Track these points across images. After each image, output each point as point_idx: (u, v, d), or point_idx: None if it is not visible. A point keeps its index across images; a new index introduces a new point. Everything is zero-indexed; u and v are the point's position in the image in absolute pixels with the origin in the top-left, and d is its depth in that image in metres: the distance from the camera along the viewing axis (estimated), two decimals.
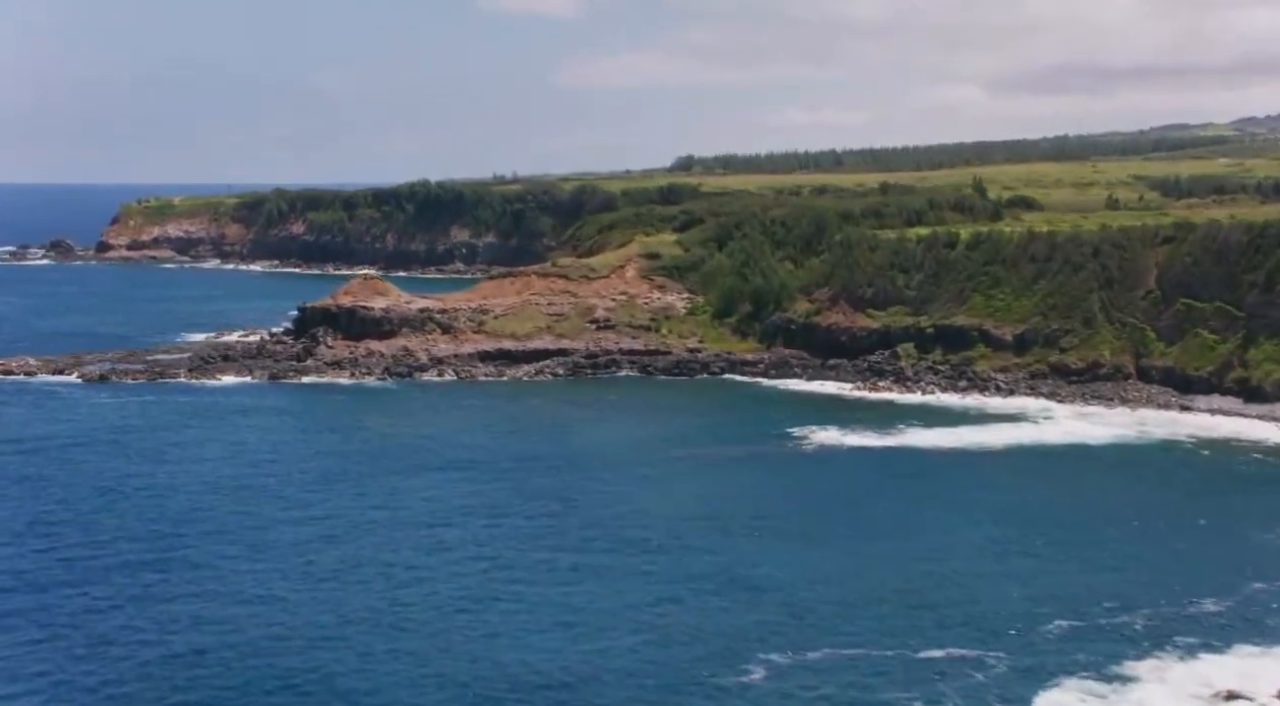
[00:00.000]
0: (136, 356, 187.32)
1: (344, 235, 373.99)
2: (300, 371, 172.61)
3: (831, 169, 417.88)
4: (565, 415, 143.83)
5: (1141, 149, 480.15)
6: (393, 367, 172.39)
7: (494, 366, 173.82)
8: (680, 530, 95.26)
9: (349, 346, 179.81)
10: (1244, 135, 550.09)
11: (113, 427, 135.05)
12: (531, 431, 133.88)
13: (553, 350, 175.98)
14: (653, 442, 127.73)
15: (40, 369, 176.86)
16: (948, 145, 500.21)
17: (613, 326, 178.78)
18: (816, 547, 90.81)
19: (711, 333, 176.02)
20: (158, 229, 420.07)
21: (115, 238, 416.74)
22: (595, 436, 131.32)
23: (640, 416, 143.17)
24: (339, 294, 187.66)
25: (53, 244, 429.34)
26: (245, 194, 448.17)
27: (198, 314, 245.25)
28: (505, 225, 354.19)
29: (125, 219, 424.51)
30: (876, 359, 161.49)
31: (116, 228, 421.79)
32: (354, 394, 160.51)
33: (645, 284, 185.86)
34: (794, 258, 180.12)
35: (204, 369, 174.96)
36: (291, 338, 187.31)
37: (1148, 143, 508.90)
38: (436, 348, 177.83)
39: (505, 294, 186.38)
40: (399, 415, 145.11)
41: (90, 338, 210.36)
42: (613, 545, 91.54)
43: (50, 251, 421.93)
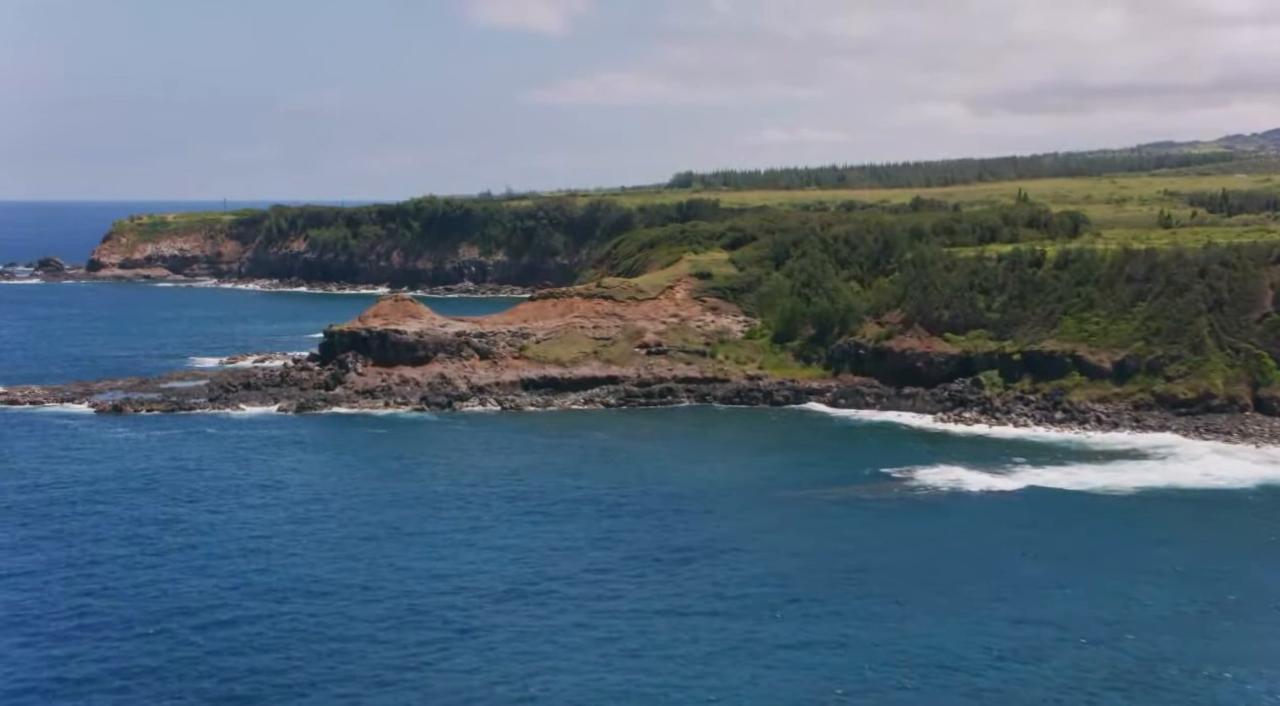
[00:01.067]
0: (149, 384, 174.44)
1: (347, 253, 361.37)
2: (329, 401, 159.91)
3: (834, 185, 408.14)
4: (635, 451, 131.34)
5: (1145, 165, 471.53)
6: (430, 397, 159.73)
7: (539, 395, 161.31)
8: (821, 590, 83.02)
9: (381, 373, 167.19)
10: (1235, 151, 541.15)
11: (139, 469, 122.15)
12: (606, 471, 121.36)
13: (602, 377, 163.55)
14: (747, 483, 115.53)
15: (47, 398, 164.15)
16: (952, 161, 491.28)
17: (665, 352, 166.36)
18: (984, 614, 78.44)
19: (772, 358, 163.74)
20: (151, 246, 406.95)
21: (107, 256, 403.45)
22: (680, 476, 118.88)
23: (718, 452, 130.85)
24: (367, 316, 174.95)
25: (41, 262, 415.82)
26: (241, 210, 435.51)
27: (204, 336, 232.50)
28: (516, 242, 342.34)
29: (117, 236, 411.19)
30: (958, 388, 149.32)
31: (108, 245, 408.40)
32: (392, 426, 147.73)
33: (697, 306, 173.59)
34: (860, 277, 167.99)
35: (225, 398, 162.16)
36: (317, 364, 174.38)
37: (1151, 159, 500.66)
38: (475, 375, 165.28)
39: (547, 316, 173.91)
40: (449, 451, 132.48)
41: (94, 363, 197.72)
42: (753, 608, 79.16)
43: (39, 270, 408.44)
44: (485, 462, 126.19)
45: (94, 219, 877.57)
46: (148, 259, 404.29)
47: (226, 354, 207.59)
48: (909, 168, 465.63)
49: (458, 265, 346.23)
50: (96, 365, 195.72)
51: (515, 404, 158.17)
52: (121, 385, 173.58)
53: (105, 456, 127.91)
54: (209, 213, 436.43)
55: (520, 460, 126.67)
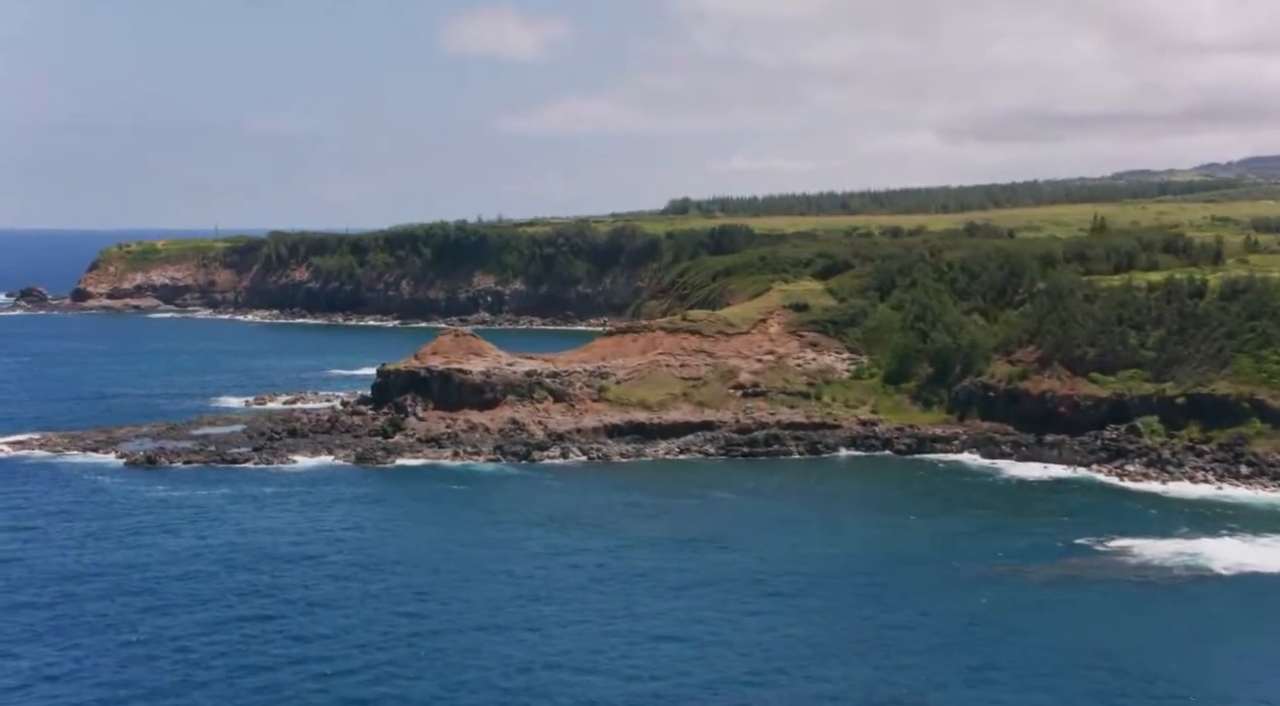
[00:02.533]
0: (179, 430, 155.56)
1: (353, 282, 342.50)
2: (391, 450, 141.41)
3: (837, 211, 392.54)
4: (770, 512, 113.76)
5: (1147, 192, 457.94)
6: (505, 446, 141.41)
7: (627, 443, 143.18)
8: None
9: (444, 418, 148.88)
10: (1214, 179, 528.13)
11: (204, 547, 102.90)
12: (754, 538, 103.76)
13: (695, 423, 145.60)
14: (928, 555, 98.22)
15: (67, 447, 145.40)
16: (967, 187, 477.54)
17: (763, 393, 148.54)
18: None
19: (885, 401, 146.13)
20: (140, 275, 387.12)
21: (94, 285, 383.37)
22: (844, 545, 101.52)
23: (870, 514, 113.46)
24: (425, 353, 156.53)
25: (23, 292, 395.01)
26: (235, 237, 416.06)
27: (219, 373, 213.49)
28: (535, 270, 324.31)
29: (104, 265, 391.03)
30: (1111, 436, 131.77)
31: (95, 274, 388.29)
32: (471, 481, 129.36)
33: (794, 341, 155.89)
34: (983, 309, 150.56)
35: (271, 449, 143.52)
36: (371, 407, 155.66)
37: (1153, 186, 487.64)
38: (552, 420, 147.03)
39: (627, 353, 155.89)
40: (551, 513, 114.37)
41: (107, 404, 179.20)
42: None
43: (21, 300, 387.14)
44: (602, 527, 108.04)
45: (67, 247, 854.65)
46: (137, 288, 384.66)
47: (251, 394, 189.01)
48: (908, 194, 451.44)
49: (472, 294, 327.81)
50: (111, 407, 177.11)
51: (603, 454, 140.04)
52: (148, 431, 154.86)
53: (154, 527, 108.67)
54: (201, 240, 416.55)
55: (644, 526, 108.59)
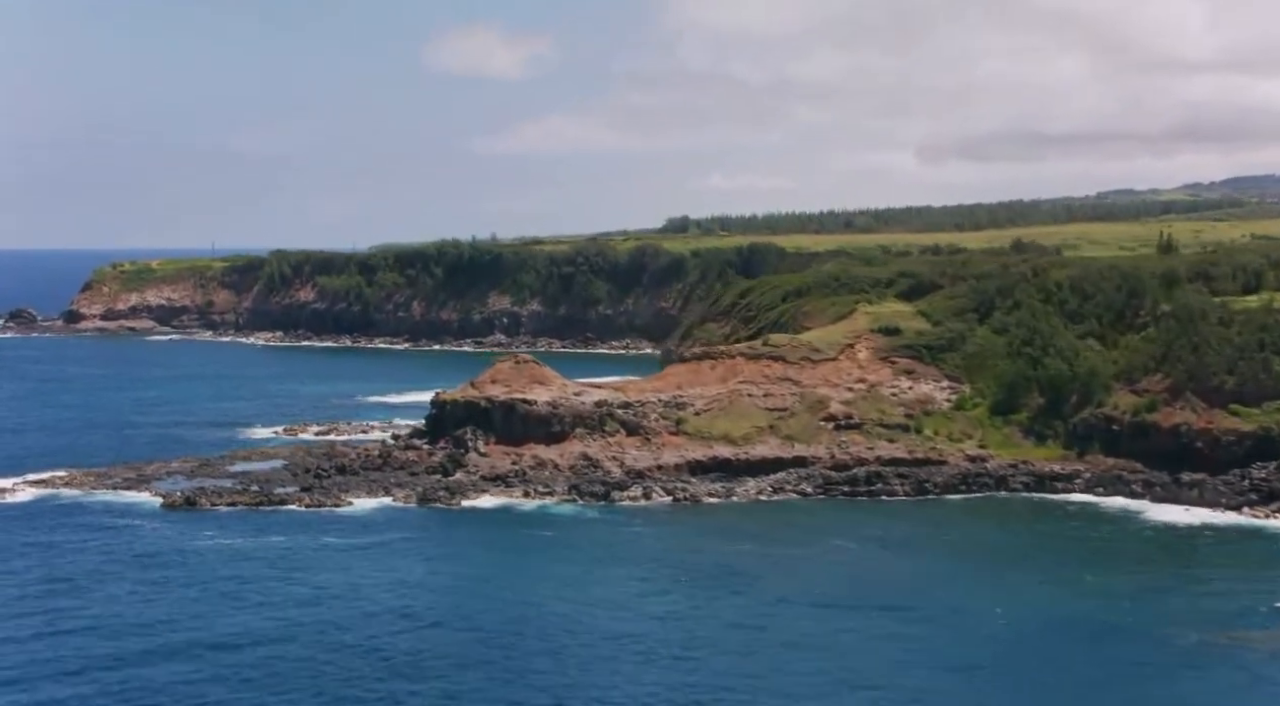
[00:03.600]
0: (214, 466, 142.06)
1: (361, 303, 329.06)
2: (453, 490, 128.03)
3: (840, 230, 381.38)
4: (920, 567, 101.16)
5: (1152, 211, 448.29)
6: (581, 485, 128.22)
7: (713, 482, 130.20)
8: None
9: (508, 453, 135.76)
10: (1200, 199, 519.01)
11: (290, 608, 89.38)
12: (921, 602, 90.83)
13: (786, 459, 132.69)
14: (1129, 623, 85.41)
15: (95, 485, 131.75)
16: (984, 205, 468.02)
17: (857, 426, 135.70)
18: None
19: (994, 434, 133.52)
20: (135, 296, 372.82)
21: (88, 306, 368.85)
22: (1024, 609, 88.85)
23: (1029, 568, 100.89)
24: (484, 382, 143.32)
25: (12, 314, 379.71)
26: (233, 257, 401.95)
27: (238, 401, 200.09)
28: (553, 291, 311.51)
29: (98, 285, 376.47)
30: (1261, 475, 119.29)
31: (88, 295, 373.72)
32: (553, 526, 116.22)
33: (886, 368, 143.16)
34: (1099, 334, 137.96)
35: (322, 488, 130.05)
36: (426, 441, 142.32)
37: (1157, 205, 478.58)
38: (627, 456, 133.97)
39: (704, 381, 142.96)
40: (661, 563, 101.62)
41: (124, 435, 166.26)
42: None
43: (10, 322, 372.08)
44: (728, 584, 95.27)
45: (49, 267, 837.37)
46: (132, 309, 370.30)
47: (280, 423, 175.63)
48: (911, 212, 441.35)
49: (487, 316, 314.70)
50: (129, 439, 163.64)
51: (690, 494, 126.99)
52: (179, 468, 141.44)
53: (214, 592, 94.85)
54: (197, 259, 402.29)
55: (779, 584, 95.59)
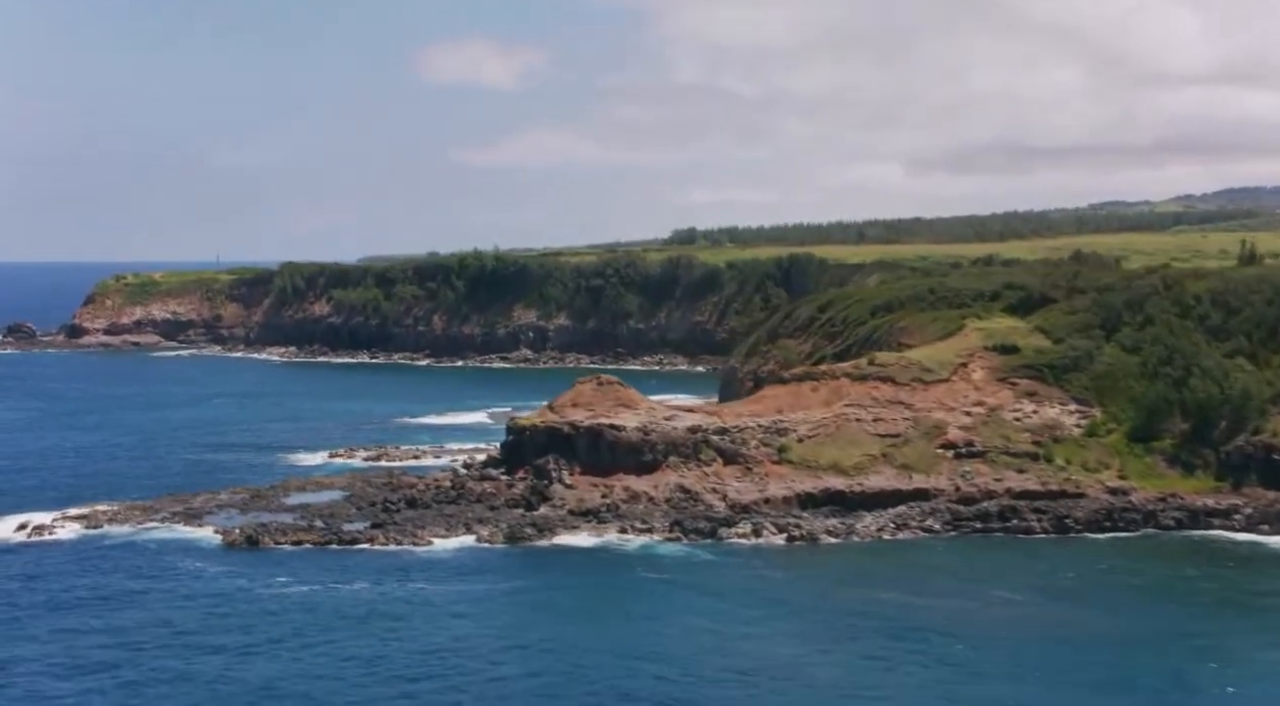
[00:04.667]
0: (267, 498, 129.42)
1: (379, 317, 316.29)
2: (540, 526, 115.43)
3: (855, 241, 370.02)
4: (1125, 628, 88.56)
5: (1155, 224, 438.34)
6: (685, 521, 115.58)
7: (828, 517, 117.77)
8: None
9: (596, 485, 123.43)
10: (1193, 211, 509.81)
11: (392, 690, 76.42)
12: (1149, 675, 78.44)
13: (907, 492, 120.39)
14: None
15: (141, 519, 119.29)
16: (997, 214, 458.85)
17: (980, 454, 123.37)
18: None
19: (1134, 464, 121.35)
20: (140, 310, 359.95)
21: (91, 320, 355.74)
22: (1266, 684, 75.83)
23: (1251, 630, 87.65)
24: (563, 405, 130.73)
25: (10, 328, 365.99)
26: (240, 269, 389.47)
27: (270, 422, 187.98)
28: (581, 304, 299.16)
29: (101, 298, 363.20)
30: None
31: (91, 309, 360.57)
32: (663, 568, 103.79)
33: (1006, 390, 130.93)
34: (1249, 352, 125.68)
35: (396, 525, 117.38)
36: (503, 471, 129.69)
37: (1160, 218, 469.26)
38: (728, 487, 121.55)
39: (806, 404, 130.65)
40: (813, 614, 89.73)
41: (157, 461, 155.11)
42: None
43: (9, 337, 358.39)
44: (908, 644, 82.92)
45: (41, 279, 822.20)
46: (136, 323, 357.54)
47: (323, 448, 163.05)
48: (922, 223, 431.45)
49: (512, 330, 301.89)
50: (163, 465, 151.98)
51: (806, 531, 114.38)
52: (229, 500, 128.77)
53: (309, 654, 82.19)
54: (204, 272, 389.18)
55: (951, 646, 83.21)
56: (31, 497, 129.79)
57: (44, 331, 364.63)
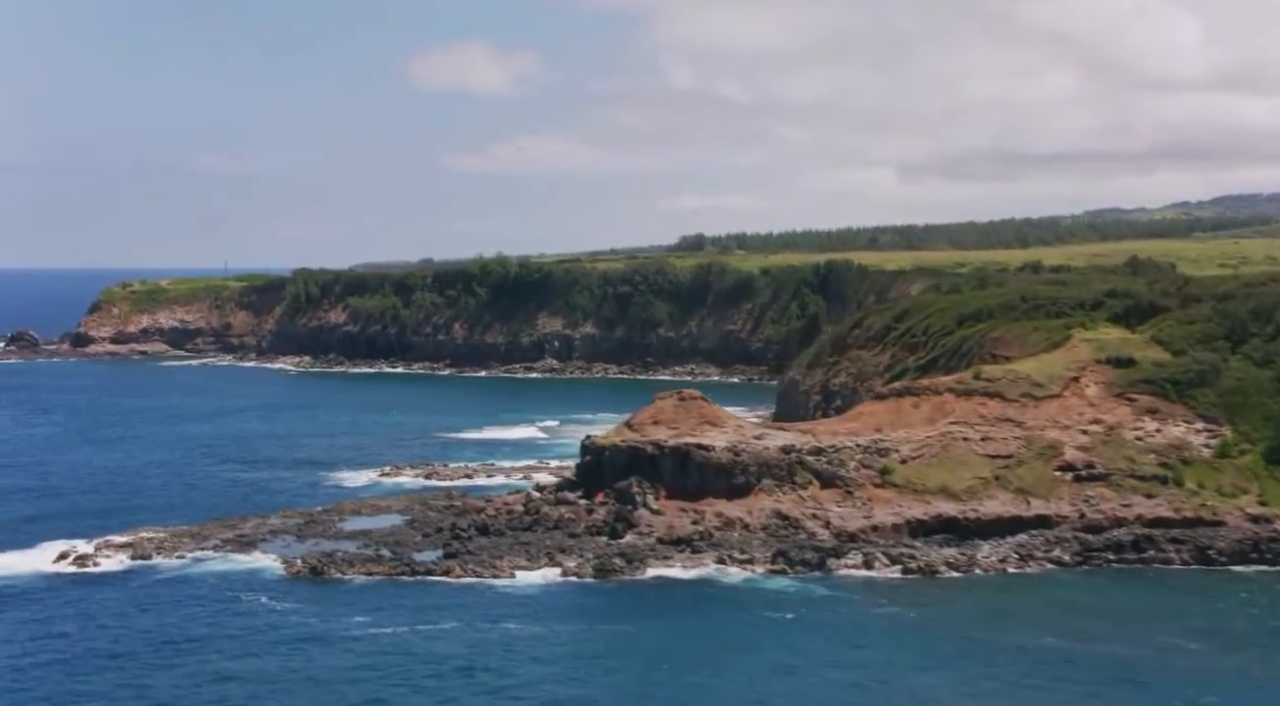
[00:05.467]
0: (322, 523, 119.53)
1: (398, 325, 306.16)
2: (629, 556, 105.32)
3: (867, 246, 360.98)
4: None
5: (1177, 230, 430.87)
6: (789, 553, 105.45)
7: (942, 547, 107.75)
8: None
9: (685, 510, 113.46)
10: (1190, 219, 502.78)
11: None
12: None
13: (1027, 519, 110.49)
14: None
15: (190, 547, 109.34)
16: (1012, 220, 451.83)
17: (1102, 477, 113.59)
18: None
19: (1275, 488, 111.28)
20: (147, 318, 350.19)
21: (96, 328, 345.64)
22: None
23: None
24: (643, 423, 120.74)
25: (13, 336, 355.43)
26: (249, 276, 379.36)
27: (303, 437, 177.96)
28: (608, 312, 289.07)
29: (108, 306, 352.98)
30: None
31: (97, 317, 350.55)
32: (786, 607, 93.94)
33: (1123, 406, 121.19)
34: None
35: (470, 554, 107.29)
36: (579, 494, 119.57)
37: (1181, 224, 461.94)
38: (830, 513, 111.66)
39: (907, 421, 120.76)
40: (989, 661, 78.65)
41: (192, 480, 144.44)
42: None
43: (11, 346, 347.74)
44: None
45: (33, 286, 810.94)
46: (143, 331, 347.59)
47: (367, 466, 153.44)
48: (938, 229, 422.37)
49: (537, 339, 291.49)
50: (202, 485, 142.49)
51: (924, 563, 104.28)
52: (281, 525, 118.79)
53: None
54: (212, 279, 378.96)
55: None
56: (67, 522, 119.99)
57: (46, 340, 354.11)
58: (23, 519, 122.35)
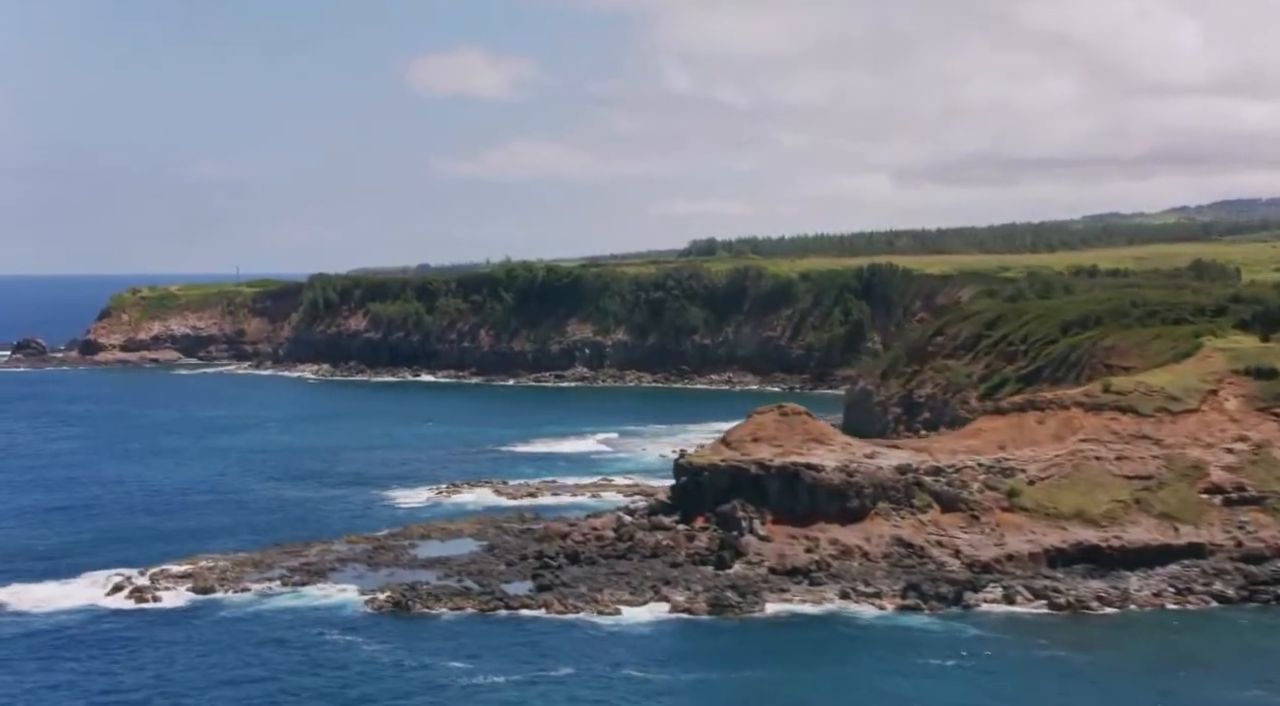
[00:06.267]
0: (391, 549, 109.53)
1: (421, 332, 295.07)
2: (744, 589, 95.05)
3: (885, 250, 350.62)
4: None
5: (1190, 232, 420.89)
6: (922, 586, 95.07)
7: (1086, 577, 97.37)
8: None
9: (796, 537, 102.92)
10: (1193, 224, 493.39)
11: None
12: None
13: (1177, 547, 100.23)
14: None
15: (254, 577, 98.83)
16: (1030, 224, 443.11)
17: (1256, 500, 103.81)
18: None
19: None
20: (158, 324, 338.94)
21: (106, 336, 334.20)
22: None
23: None
24: (741, 440, 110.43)
25: (19, 344, 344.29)
26: (261, 281, 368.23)
27: (346, 451, 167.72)
28: (640, 318, 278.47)
29: (117, 312, 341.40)
30: None
31: (107, 323, 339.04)
32: (940, 648, 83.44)
33: (1268, 422, 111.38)
34: None
35: (564, 585, 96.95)
36: (675, 517, 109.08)
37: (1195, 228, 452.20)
38: (958, 540, 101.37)
39: (1034, 439, 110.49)
40: None
41: (237, 501, 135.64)
42: None
43: (17, 353, 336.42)
44: None
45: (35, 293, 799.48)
46: (154, 339, 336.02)
47: (418, 483, 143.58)
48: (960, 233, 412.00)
49: (566, 346, 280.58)
50: (249, 505, 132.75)
51: (1073, 598, 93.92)
52: (347, 551, 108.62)
53: None
54: (224, 284, 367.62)
55: None
56: (112, 547, 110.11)
57: (53, 347, 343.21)
58: (62, 543, 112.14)
